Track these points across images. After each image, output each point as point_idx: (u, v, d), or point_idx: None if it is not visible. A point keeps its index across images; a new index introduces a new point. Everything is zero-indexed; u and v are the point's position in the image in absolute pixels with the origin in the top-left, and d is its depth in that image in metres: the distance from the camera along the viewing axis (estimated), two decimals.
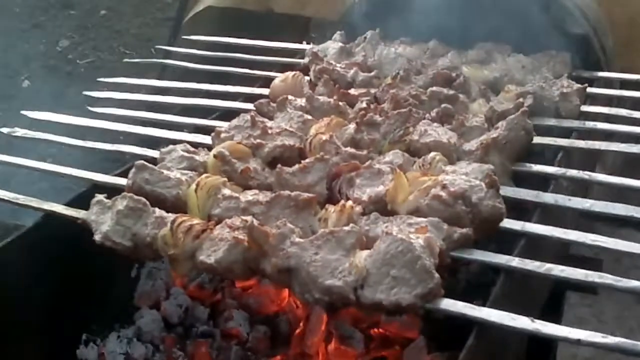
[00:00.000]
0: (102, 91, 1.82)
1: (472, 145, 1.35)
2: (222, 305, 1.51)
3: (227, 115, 1.56)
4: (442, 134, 1.38)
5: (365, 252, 1.08)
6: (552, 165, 1.40)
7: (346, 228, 1.11)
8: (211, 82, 1.78)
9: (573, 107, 1.51)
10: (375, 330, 1.42)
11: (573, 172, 1.33)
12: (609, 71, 1.79)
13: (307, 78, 1.73)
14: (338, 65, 1.71)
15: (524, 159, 1.40)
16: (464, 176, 1.24)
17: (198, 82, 1.79)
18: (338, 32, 1.91)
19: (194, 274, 1.48)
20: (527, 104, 1.48)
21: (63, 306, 1.37)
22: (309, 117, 1.49)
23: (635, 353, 0.96)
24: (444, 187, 1.19)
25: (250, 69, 1.87)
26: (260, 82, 1.80)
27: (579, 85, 1.55)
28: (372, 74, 1.66)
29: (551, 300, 1.47)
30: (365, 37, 1.85)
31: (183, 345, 1.40)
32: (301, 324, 1.42)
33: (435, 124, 1.41)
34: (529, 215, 1.27)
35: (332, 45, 1.84)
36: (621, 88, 1.73)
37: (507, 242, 1.22)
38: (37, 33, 5.34)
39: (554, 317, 1.80)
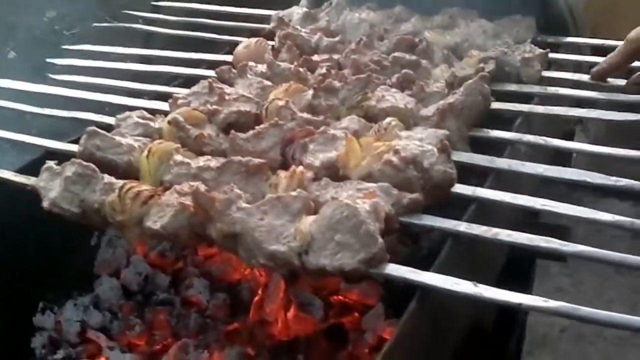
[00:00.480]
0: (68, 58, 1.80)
1: (429, 110, 1.34)
2: (184, 273, 1.50)
3: (190, 82, 1.54)
4: (399, 99, 1.37)
5: (311, 218, 1.08)
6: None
7: (293, 193, 1.11)
8: (177, 49, 1.76)
9: (534, 73, 1.50)
10: (335, 297, 1.42)
11: (529, 137, 1.32)
12: (578, 36, 1.77)
13: (272, 44, 1.71)
14: (303, 30, 1.69)
15: (483, 124, 1.39)
16: (418, 142, 1.23)
17: (164, 49, 1.77)
18: None
19: (154, 241, 1.48)
20: (488, 69, 1.47)
21: (20, 275, 1.36)
22: (269, 83, 1.48)
23: (576, 317, 0.95)
24: (396, 152, 1.18)
25: (217, 35, 1.85)
26: (226, 48, 1.79)
27: (541, 51, 1.53)
28: (337, 39, 1.64)
29: (513, 267, 1.46)
30: (331, 2, 1.83)
31: (141, 313, 1.40)
32: (260, 292, 1.42)
33: (393, 90, 1.40)
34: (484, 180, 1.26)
35: (297, 11, 1.82)
36: (594, 54, 1.71)
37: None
38: (23, 3, 5.31)
39: (523, 285, 1.81)
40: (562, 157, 1.47)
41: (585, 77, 1.50)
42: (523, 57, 1.51)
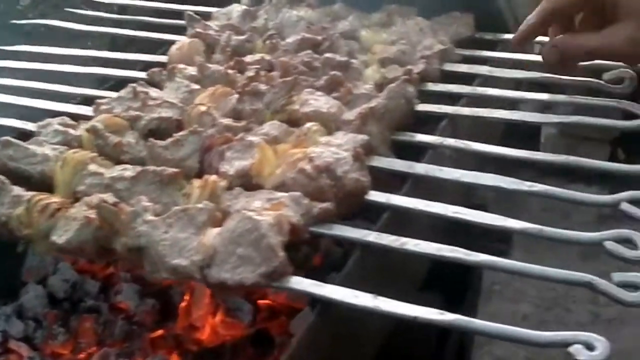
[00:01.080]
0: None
1: (351, 114, 1.33)
2: (115, 278, 1.49)
3: (122, 85, 1.53)
4: (323, 103, 1.35)
5: (216, 230, 1.07)
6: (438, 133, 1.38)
7: (199, 205, 1.10)
8: (113, 49, 1.75)
9: (434, 71, 1.49)
10: (263, 301, 1.42)
11: (450, 141, 1.31)
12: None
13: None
14: (214, 28, 1.67)
15: (407, 127, 1.38)
16: (335, 148, 1.22)
17: (99, 48, 1.75)
18: None
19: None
20: (418, 70, 1.46)
21: None
22: (196, 86, 1.46)
23: (470, 330, 0.95)
24: (310, 160, 1.18)
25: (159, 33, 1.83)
26: (163, 48, 1.77)
27: (441, 47, 1.52)
28: (244, 37, 1.62)
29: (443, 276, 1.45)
30: (271, 0, 1.81)
31: (67, 321, 1.39)
32: (186, 297, 1.41)
33: (319, 93, 1.38)
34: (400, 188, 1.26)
35: (237, 8, 1.80)
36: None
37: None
38: None
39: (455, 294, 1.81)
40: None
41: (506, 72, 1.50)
42: (422, 54, 1.49)
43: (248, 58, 1.54)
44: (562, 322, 2.87)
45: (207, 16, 1.84)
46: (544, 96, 1.45)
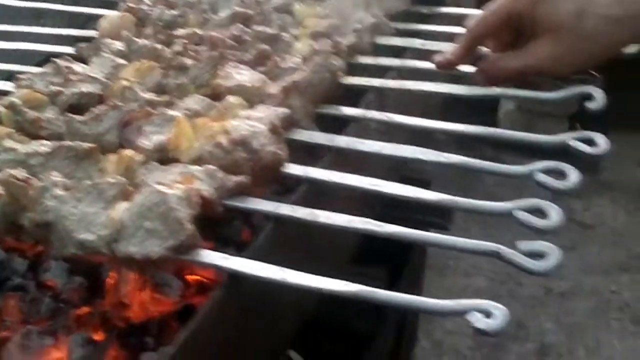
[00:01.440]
0: None
1: (275, 88, 1.32)
2: (44, 256, 1.48)
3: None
4: (247, 77, 1.34)
5: (125, 205, 1.06)
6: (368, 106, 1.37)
7: (109, 179, 1.09)
8: (42, 24, 1.72)
9: (365, 44, 1.48)
10: (192, 277, 1.41)
11: (374, 113, 1.31)
12: (459, 6, 1.75)
13: None
14: (147, 2, 1.65)
15: (336, 101, 1.37)
16: (253, 121, 1.21)
17: (28, 23, 1.72)
18: None
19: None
20: (348, 42, 1.45)
21: None
22: (123, 61, 1.44)
23: (373, 301, 0.95)
24: (226, 133, 1.17)
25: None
26: (95, 23, 1.74)
27: (372, 21, 1.51)
28: (177, 12, 1.60)
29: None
30: None
31: None
32: (113, 274, 1.40)
33: (243, 67, 1.37)
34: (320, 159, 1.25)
35: None
36: None
37: None
38: None
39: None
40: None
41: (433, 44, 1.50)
42: (354, 28, 1.49)
43: (179, 32, 1.51)
44: (514, 296, 2.89)
45: None
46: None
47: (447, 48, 1.50)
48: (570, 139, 1.18)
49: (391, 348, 1.92)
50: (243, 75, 1.34)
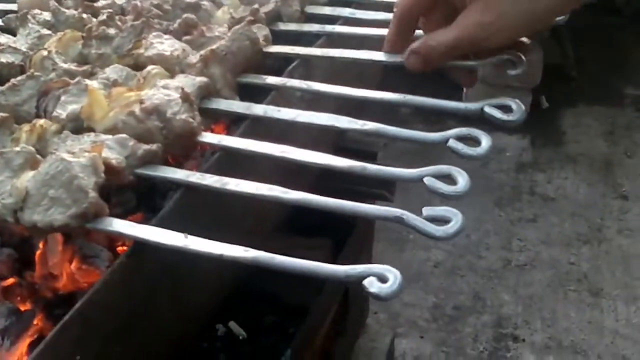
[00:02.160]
0: None
1: (195, 57, 1.31)
2: None
3: None
4: (168, 46, 1.33)
5: (31, 173, 1.05)
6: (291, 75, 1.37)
7: (16, 148, 1.08)
8: None
9: (293, 12, 1.47)
10: (122, 247, 1.41)
11: (294, 82, 1.30)
12: None
13: None
14: None
15: (260, 69, 1.36)
16: (170, 90, 1.20)
17: None
18: None
19: None
20: (267, 9, 1.44)
21: None
22: (47, 32, 1.43)
23: (272, 266, 0.95)
24: (141, 102, 1.16)
25: None
26: None
27: None
28: None
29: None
30: None
31: None
32: (41, 245, 1.39)
33: (165, 36, 1.36)
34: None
35: None
36: None
37: None
38: None
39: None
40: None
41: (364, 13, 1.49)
42: None
43: (100, 3, 1.50)
44: (472, 269, 2.91)
45: None
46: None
47: (375, 17, 1.50)
48: (487, 105, 1.17)
49: (335, 318, 1.92)
50: (164, 45, 1.33)
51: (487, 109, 1.17)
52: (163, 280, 1.08)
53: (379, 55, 1.35)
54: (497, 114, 1.15)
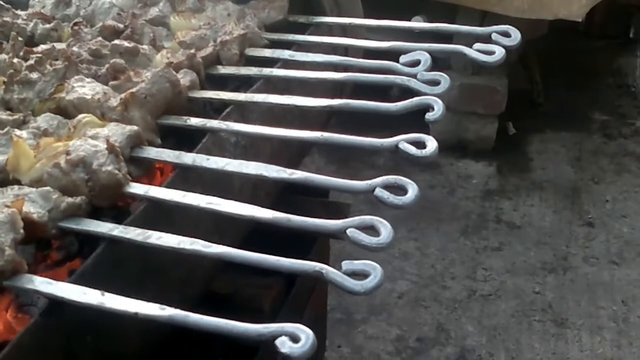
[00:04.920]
0: None
1: (115, 100, 1.30)
2: None
3: None
4: (88, 89, 1.32)
5: None
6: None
7: None
8: None
9: (232, 56, 1.47)
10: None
11: (213, 123, 1.30)
12: (341, 16, 1.75)
13: None
14: (22, 16, 1.63)
15: (178, 112, 1.36)
16: (98, 140, 1.20)
17: None
18: None
19: None
20: (205, 53, 1.44)
21: None
22: None
23: (187, 325, 0.94)
24: (67, 153, 1.16)
25: None
26: None
27: (240, 32, 1.50)
28: (51, 25, 1.58)
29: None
30: None
31: None
32: None
33: (88, 79, 1.36)
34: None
35: None
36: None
37: None
38: None
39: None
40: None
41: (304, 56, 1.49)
42: (222, 39, 1.48)
43: (40, 47, 1.49)
44: (437, 300, 2.90)
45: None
46: (336, 75, 1.44)
47: (315, 59, 1.50)
48: (401, 141, 1.18)
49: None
50: (85, 88, 1.32)
51: (402, 146, 1.19)
52: (85, 337, 1.06)
53: (301, 101, 1.35)
54: (412, 150, 1.17)
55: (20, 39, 1.52)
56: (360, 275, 1.00)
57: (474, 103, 3.68)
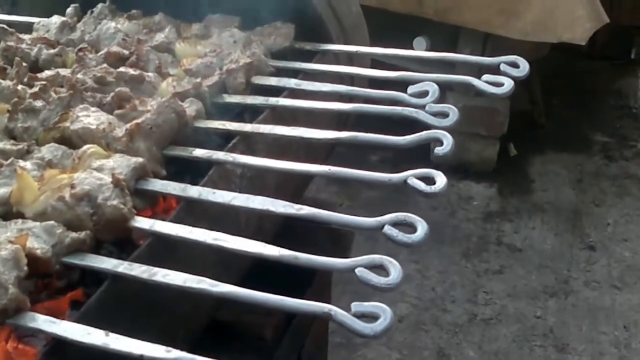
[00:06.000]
0: None
1: (121, 131, 1.29)
2: None
3: None
4: (93, 119, 1.31)
5: None
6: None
7: None
8: None
9: (237, 84, 1.46)
10: None
11: (219, 155, 1.29)
12: (347, 43, 1.74)
13: None
14: (27, 41, 1.62)
15: (184, 141, 1.35)
16: (103, 173, 1.18)
17: None
18: (72, 5, 1.81)
19: None
20: (211, 82, 1.43)
21: None
22: None
23: None
24: (72, 187, 1.14)
25: None
26: None
27: (246, 61, 1.49)
28: (55, 51, 1.57)
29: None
30: (92, 11, 1.76)
31: None
32: None
33: (93, 109, 1.34)
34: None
35: (55, 20, 1.74)
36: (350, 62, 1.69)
37: None
38: None
39: None
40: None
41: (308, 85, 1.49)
42: (228, 68, 1.47)
43: (44, 74, 1.48)
44: (437, 324, 2.88)
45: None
46: (343, 106, 1.43)
47: (321, 88, 1.49)
48: (410, 177, 1.17)
49: None
50: (90, 118, 1.30)
51: (410, 181, 1.18)
52: None
53: (308, 132, 1.34)
54: (421, 186, 1.16)
55: (24, 64, 1.50)
56: (369, 317, 0.98)
57: (476, 124, 3.67)
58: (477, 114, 3.65)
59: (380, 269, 1.05)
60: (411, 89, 1.44)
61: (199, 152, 1.29)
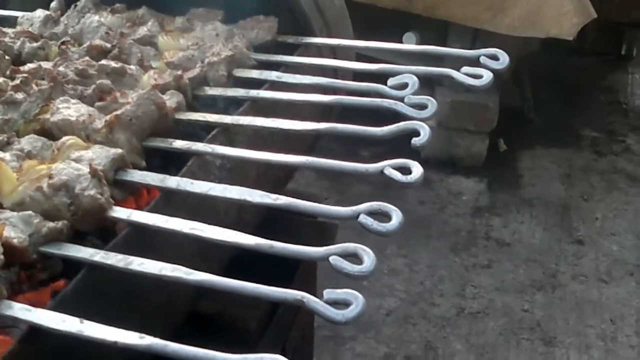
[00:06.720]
0: None
1: (100, 123, 1.29)
2: None
3: None
4: (74, 111, 1.31)
5: None
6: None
7: None
8: None
9: (219, 77, 1.47)
10: None
11: (198, 146, 1.30)
12: (330, 36, 1.75)
13: None
14: (10, 34, 1.63)
15: (165, 134, 1.35)
16: (81, 164, 1.19)
17: None
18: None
19: None
20: (193, 74, 1.44)
21: None
22: None
23: (166, 354, 0.93)
24: (50, 177, 1.15)
25: None
26: None
27: (228, 54, 1.50)
28: (38, 44, 1.58)
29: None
30: (76, 5, 1.76)
31: None
32: None
33: (73, 101, 1.35)
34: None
35: (39, 14, 1.75)
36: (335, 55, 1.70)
37: None
38: None
39: None
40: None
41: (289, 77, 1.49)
42: (210, 60, 1.47)
43: (27, 67, 1.49)
44: (425, 317, 2.89)
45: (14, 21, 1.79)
46: (323, 98, 1.44)
47: (302, 80, 1.50)
48: (387, 167, 1.18)
49: None
50: (70, 110, 1.31)
51: (387, 171, 1.19)
52: None
53: (287, 124, 1.35)
54: (397, 175, 1.17)
55: (7, 57, 1.51)
56: (342, 304, 0.99)
57: (465, 120, 3.68)
58: (467, 109, 3.67)
59: (354, 257, 1.06)
60: (391, 81, 1.45)
61: (178, 144, 1.30)
